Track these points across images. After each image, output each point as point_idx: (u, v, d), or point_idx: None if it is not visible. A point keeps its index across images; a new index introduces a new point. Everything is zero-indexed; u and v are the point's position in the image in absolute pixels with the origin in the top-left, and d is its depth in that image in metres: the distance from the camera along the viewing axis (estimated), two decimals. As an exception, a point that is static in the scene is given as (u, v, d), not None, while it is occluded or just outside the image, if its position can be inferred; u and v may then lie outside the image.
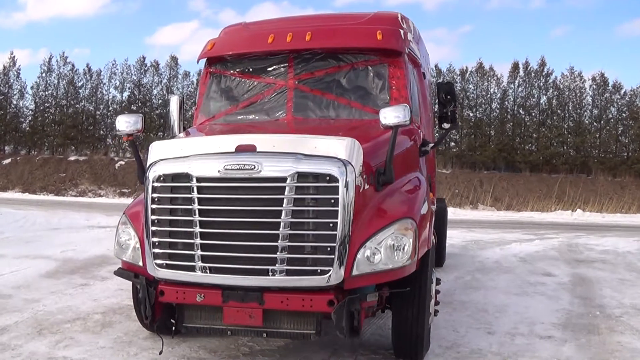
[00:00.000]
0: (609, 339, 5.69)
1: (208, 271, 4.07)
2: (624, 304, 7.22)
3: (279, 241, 3.95)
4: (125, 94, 36.04)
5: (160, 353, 4.59)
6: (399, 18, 6.16)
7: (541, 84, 34.24)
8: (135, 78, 35.96)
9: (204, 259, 4.07)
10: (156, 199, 4.19)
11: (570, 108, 34.16)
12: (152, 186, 4.20)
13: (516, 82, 33.96)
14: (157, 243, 4.17)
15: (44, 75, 36.25)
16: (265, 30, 5.97)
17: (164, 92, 35.70)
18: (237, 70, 5.90)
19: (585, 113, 34.28)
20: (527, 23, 56.54)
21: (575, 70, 34.28)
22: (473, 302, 7.01)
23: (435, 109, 7.46)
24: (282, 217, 3.94)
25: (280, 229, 3.94)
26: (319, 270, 3.95)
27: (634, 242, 14.19)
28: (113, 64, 36.14)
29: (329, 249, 3.93)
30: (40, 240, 11.13)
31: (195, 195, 4.08)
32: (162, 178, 4.18)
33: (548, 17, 57.88)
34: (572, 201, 27.90)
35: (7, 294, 6.69)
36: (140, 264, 4.33)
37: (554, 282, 8.64)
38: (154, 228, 4.18)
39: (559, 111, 34.07)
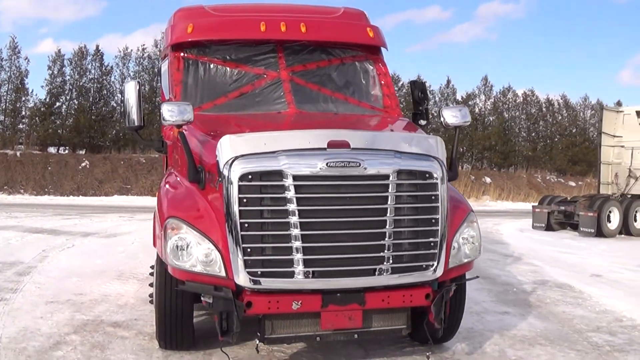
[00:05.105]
0: (553, 309, 6.63)
1: (311, 275, 3.86)
2: (522, 280, 8.38)
3: (386, 239, 3.94)
4: None
5: None
6: (366, 15, 6.35)
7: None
8: None
9: (306, 263, 3.85)
10: (244, 200, 3.82)
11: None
12: (239, 186, 3.82)
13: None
14: (249, 250, 3.82)
15: None
16: (251, 16, 5.66)
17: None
18: (217, 57, 5.52)
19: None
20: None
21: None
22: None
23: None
24: (387, 214, 3.94)
25: (387, 227, 3.93)
26: (423, 266, 4.05)
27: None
28: None
29: (432, 243, 4.05)
30: None
31: (292, 194, 3.83)
32: (249, 177, 3.83)
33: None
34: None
35: None
36: (219, 273, 3.90)
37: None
38: (244, 233, 3.81)
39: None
